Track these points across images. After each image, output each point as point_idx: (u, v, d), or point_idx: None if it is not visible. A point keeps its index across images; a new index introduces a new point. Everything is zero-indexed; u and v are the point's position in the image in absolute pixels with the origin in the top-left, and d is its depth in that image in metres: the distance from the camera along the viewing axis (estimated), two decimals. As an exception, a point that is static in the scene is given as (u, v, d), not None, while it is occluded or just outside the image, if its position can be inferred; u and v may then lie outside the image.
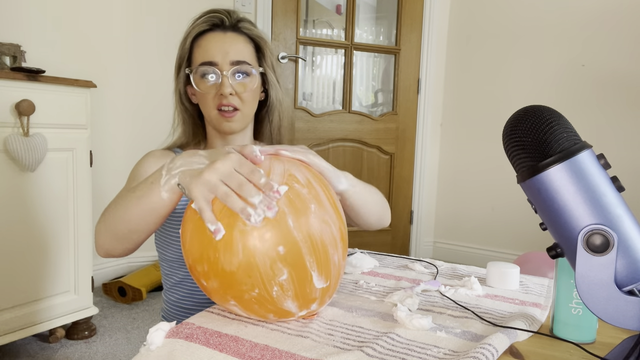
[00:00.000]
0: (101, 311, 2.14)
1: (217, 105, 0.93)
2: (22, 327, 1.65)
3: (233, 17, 0.96)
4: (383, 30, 3.31)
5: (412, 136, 3.13)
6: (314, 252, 0.60)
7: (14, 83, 1.56)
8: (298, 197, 0.61)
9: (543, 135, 0.52)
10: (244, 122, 0.96)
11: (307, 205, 0.61)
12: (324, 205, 0.63)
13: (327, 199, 0.64)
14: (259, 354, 0.56)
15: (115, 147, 2.45)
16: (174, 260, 0.97)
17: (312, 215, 0.61)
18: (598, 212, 0.50)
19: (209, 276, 0.61)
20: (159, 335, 0.60)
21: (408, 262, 1.00)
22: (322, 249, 0.61)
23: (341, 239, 0.65)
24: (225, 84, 0.91)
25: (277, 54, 2.78)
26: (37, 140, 1.59)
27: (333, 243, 0.63)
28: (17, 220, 1.62)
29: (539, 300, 0.79)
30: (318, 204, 0.62)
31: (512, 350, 0.60)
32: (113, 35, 2.40)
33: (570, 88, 2.74)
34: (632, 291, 0.51)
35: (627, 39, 2.58)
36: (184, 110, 1.01)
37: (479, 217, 3.08)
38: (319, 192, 0.64)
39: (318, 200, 0.63)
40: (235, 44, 0.94)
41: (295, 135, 2.86)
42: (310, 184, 0.64)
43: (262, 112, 1.04)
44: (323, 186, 0.66)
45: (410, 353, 0.57)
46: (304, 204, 0.61)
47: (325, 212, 0.63)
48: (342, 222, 0.66)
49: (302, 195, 0.61)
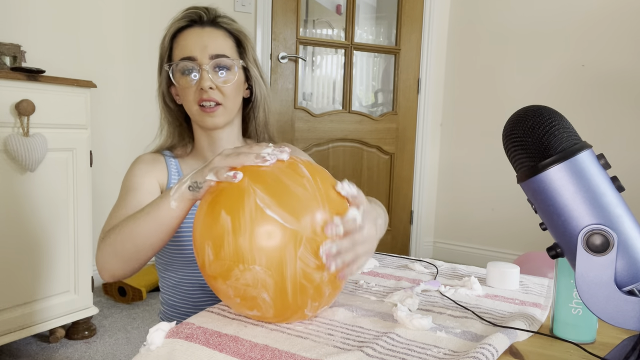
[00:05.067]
0: (101, 311, 2.14)
1: (198, 100, 0.91)
2: (22, 327, 1.65)
3: (211, 13, 0.95)
4: (383, 30, 3.30)
5: (412, 136, 3.13)
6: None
7: (14, 83, 1.56)
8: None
9: (543, 135, 0.52)
10: (227, 117, 0.94)
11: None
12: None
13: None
14: (259, 354, 0.56)
15: (115, 147, 2.45)
16: (168, 263, 0.97)
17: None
18: (598, 212, 0.50)
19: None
20: (159, 335, 0.60)
21: (408, 262, 1.00)
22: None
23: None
24: (205, 77, 0.90)
25: (277, 54, 2.78)
26: (37, 140, 1.59)
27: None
28: (17, 220, 1.62)
29: (539, 300, 0.79)
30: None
31: (512, 350, 0.60)
32: (113, 35, 2.40)
33: (570, 88, 2.74)
34: (632, 291, 0.51)
35: (627, 39, 2.58)
36: (168, 111, 1.00)
37: (479, 217, 3.08)
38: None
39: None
40: (214, 38, 0.93)
41: (295, 135, 2.86)
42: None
43: (248, 109, 1.03)
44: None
45: (410, 353, 0.57)
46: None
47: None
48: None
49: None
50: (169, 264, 0.97)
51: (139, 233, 0.74)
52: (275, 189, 0.60)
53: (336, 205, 0.63)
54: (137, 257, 0.77)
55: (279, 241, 0.58)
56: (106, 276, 0.80)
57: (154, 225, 0.73)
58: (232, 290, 0.62)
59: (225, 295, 0.64)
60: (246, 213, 0.59)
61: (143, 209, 0.75)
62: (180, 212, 0.72)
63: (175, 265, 0.96)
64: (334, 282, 0.63)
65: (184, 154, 1.02)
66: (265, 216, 0.59)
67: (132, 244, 0.75)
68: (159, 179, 0.95)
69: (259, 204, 0.59)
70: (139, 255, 0.76)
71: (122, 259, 0.77)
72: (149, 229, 0.73)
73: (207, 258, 0.62)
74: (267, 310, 0.62)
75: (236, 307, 0.64)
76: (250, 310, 0.63)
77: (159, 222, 0.72)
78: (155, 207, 0.73)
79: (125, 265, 0.78)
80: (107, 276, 0.80)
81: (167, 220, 0.72)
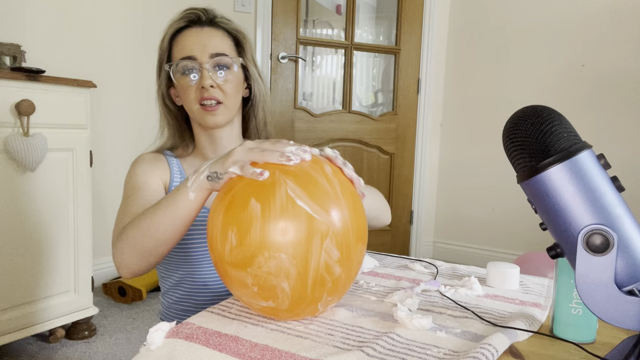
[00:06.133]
0: (101, 311, 2.14)
1: (199, 99, 0.92)
2: (22, 327, 1.65)
3: (210, 13, 0.96)
4: (383, 30, 3.31)
5: (412, 136, 3.13)
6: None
7: (14, 83, 1.56)
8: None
9: (543, 135, 0.52)
10: (228, 116, 0.95)
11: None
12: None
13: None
14: (259, 354, 0.56)
15: (115, 147, 2.45)
16: (170, 262, 0.97)
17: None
18: (598, 212, 0.50)
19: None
20: (159, 335, 0.60)
21: (408, 262, 1.00)
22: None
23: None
24: (205, 76, 0.90)
25: (277, 54, 2.78)
26: (37, 140, 1.59)
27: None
28: (17, 220, 1.62)
29: (539, 300, 0.79)
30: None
31: (512, 350, 0.60)
32: (113, 35, 2.40)
33: (570, 88, 2.74)
34: (632, 291, 0.51)
35: (627, 39, 2.58)
36: (167, 112, 1.00)
37: (479, 217, 3.08)
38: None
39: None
40: (213, 38, 0.93)
41: (295, 135, 2.86)
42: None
43: (247, 108, 1.03)
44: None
45: (410, 353, 0.57)
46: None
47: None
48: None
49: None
50: (173, 263, 0.97)
51: (158, 227, 0.74)
52: (305, 182, 0.62)
53: (355, 200, 0.67)
54: (155, 252, 0.77)
55: (307, 231, 0.59)
56: (125, 272, 0.80)
57: (172, 217, 0.73)
58: (251, 279, 0.61)
59: (241, 284, 0.63)
60: (277, 201, 0.60)
61: (159, 202, 0.75)
62: (198, 203, 0.72)
63: (180, 264, 0.96)
64: (348, 279, 0.65)
65: (185, 154, 1.02)
66: (295, 206, 0.60)
67: (150, 237, 0.75)
68: (162, 178, 0.96)
69: (290, 194, 0.60)
70: (157, 250, 0.76)
71: (140, 254, 0.77)
72: (167, 222, 0.73)
73: (228, 245, 0.62)
74: (282, 302, 0.62)
75: (250, 296, 0.63)
76: (266, 300, 0.63)
77: (178, 214, 0.73)
78: (173, 199, 0.73)
79: (144, 260, 0.78)
80: (126, 272, 0.80)
81: (185, 212, 0.72)
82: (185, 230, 0.75)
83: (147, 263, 0.78)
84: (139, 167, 0.95)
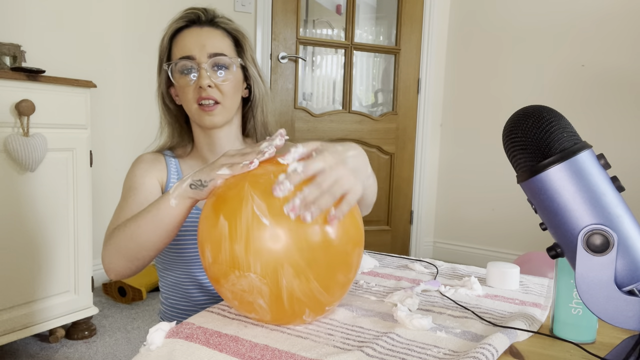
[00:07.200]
0: (101, 311, 2.14)
1: (197, 99, 0.92)
2: (22, 327, 1.65)
3: (210, 13, 0.96)
4: (383, 30, 3.30)
5: (412, 136, 3.13)
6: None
7: (14, 83, 1.56)
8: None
9: (543, 135, 0.52)
10: (226, 116, 0.94)
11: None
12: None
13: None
14: (259, 354, 0.56)
15: (115, 147, 2.45)
16: (168, 263, 0.97)
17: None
18: (598, 212, 0.50)
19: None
20: (159, 335, 0.60)
21: (408, 262, 1.00)
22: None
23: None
24: (203, 75, 0.90)
25: (277, 54, 2.78)
26: (37, 140, 1.59)
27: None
28: (17, 220, 1.62)
29: (539, 300, 0.79)
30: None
31: (512, 350, 0.60)
32: (113, 35, 2.40)
33: (570, 88, 2.74)
34: (632, 291, 0.51)
35: (627, 39, 2.58)
36: (167, 111, 1.00)
37: (479, 217, 3.08)
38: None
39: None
40: (212, 37, 0.93)
41: (295, 135, 2.86)
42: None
43: (247, 109, 1.03)
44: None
45: (410, 353, 0.57)
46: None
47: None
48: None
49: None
50: (168, 263, 0.97)
51: (141, 232, 0.75)
52: (272, 196, 0.59)
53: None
54: (140, 256, 0.77)
55: (275, 251, 0.58)
56: (112, 275, 0.81)
57: (154, 224, 0.73)
58: (230, 294, 0.62)
59: (225, 297, 0.65)
60: (242, 220, 0.58)
61: (145, 208, 0.76)
62: (180, 211, 0.72)
63: (174, 264, 0.96)
64: (332, 289, 0.62)
65: (184, 154, 1.02)
66: (261, 224, 0.58)
67: (134, 243, 0.76)
68: (159, 178, 0.96)
69: (256, 212, 0.58)
70: (142, 254, 0.77)
71: (126, 258, 0.78)
72: (150, 228, 0.74)
73: (206, 260, 0.63)
74: (264, 315, 0.63)
75: (236, 307, 0.65)
76: (249, 313, 0.64)
77: (160, 221, 0.73)
78: (156, 206, 0.73)
79: (130, 264, 0.79)
80: (113, 275, 0.81)
81: (167, 219, 0.73)
82: (169, 236, 0.75)
83: (134, 266, 0.79)
84: (138, 168, 0.95)
